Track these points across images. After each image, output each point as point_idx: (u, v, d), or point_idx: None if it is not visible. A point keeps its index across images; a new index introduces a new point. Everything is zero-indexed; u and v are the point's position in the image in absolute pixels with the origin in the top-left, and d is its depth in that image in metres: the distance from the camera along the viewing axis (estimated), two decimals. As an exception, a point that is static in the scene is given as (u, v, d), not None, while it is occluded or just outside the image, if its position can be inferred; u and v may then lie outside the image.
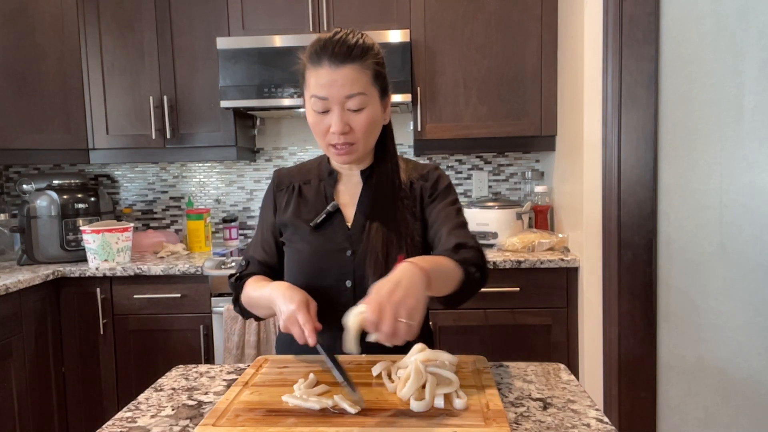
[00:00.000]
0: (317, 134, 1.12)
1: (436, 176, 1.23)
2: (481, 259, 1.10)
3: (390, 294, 0.82)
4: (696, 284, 1.92)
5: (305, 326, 0.96)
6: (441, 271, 0.96)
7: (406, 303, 0.82)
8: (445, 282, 0.97)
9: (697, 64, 1.88)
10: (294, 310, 0.98)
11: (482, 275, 1.09)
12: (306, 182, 1.25)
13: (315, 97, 1.07)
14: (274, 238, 1.26)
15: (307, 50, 1.10)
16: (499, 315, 2.17)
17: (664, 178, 1.95)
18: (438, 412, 0.83)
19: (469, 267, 1.03)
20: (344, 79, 1.05)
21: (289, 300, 1.00)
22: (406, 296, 0.82)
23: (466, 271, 1.02)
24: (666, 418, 2.00)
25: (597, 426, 0.83)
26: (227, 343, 2.12)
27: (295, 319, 0.97)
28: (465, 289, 1.03)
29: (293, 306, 0.98)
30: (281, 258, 1.26)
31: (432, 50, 2.42)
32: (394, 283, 0.84)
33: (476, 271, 1.06)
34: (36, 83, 2.43)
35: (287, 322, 0.99)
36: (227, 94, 2.36)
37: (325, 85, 1.06)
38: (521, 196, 2.80)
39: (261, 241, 1.27)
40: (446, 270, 0.98)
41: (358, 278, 1.15)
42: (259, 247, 1.27)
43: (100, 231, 2.27)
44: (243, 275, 1.23)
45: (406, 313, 0.81)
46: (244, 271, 1.24)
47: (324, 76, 1.06)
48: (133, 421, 0.88)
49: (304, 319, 0.97)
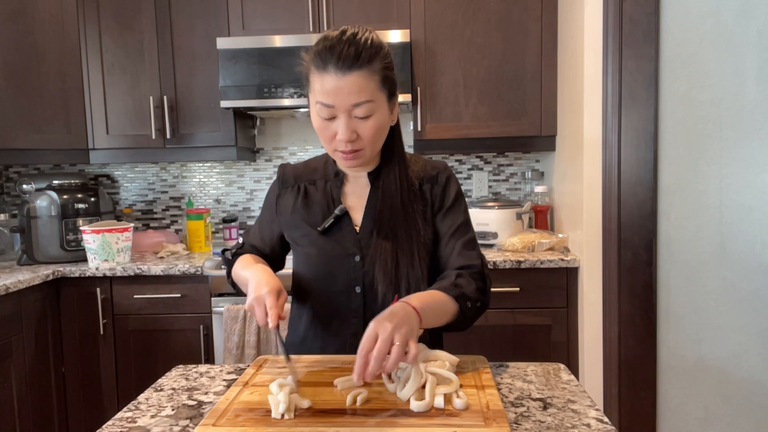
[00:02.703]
0: (323, 139, 1.08)
1: (446, 180, 1.19)
2: (482, 283, 1.12)
3: (385, 321, 0.88)
4: (696, 284, 1.92)
5: (270, 310, 0.99)
6: (434, 308, 1.00)
7: (400, 330, 0.87)
8: (438, 317, 1.02)
9: (697, 63, 1.88)
10: (265, 294, 1.01)
11: (482, 303, 1.12)
12: (311, 182, 1.22)
13: (321, 103, 1.03)
14: (271, 232, 1.26)
15: (312, 51, 1.04)
16: (499, 315, 2.17)
17: (664, 178, 1.95)
18: (438, 412, 0.83)
19: (466, 301, 1.06)
20: (351, 86, 1.00)
21: (264, 284, 1.03)
22: (400, 324, 0.88)
23: (462, 306, 1.06)
24: (666, 418, 2.00)
25: (597, 426, 0.83)
26: (227, 343, 2.12)
27: (263, 301, 1.00)
28: (461, 322, 1.08)
29: (265, 289, 1.02)
30: (274, 251, 1.27)
31: (432, 50, 2.42)
32: (389, 312, 0.91)
33: (476, 300, 1.09)
34: (36, 83, 2.43)
35: (255, 301, 1.01)
36: (227, 94, 2.36)
37: (330, 92, 1.01)
38: (521, 196, 2.80)
39: (259, 230, 1.28)
40: (440, 306, 1.03)
41: (368, 284, 1.13)
42: (257, 237, 1.28)
43: (100, 231, 2.27)
44: (237, 253, 1.26)
45: (400, 338, 0.86)
46: (240, 249, 1.27)
47: (330, 83, 1.01)
48: (133, 421, 0.88)
49: (271, 303, 1.00)
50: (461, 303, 1.06)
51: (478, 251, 1.17)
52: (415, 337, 0.89)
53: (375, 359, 0.84)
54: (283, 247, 1.28)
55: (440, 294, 1.04)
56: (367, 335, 0.87)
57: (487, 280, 1.15)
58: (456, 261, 1.14)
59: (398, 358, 0.85)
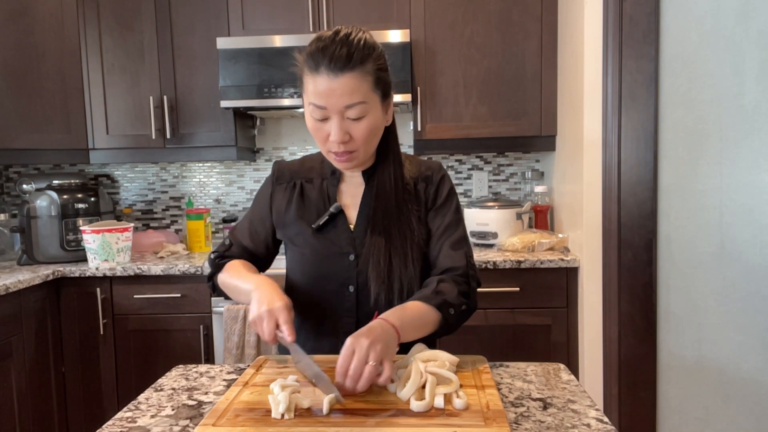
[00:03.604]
0: (317, 140, 1.08)
1: (439, 180, 1.19)
2: (466, 285, 1.12)
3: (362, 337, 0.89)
4: (696, 284, 1.92)
5: (285, 325, 0.98)
6: (414, 321, 1.01)
7: (375, 347, 0.88)
8: (419, 329, 1.02)
9: (697, 63, 1.88)
10: (279, 308, 1.00)
11: (467, 306, 1.11)
12: (308, 180, 1.21)
13: (313, 105, 1.03)
14: (264, 231, 1.24)
15: (305, 51, 1.03)
16: (499, 315, 2.17)
17: (664, 178, 1.95)
18: (438, 412, 0.83)
19: (448, 309, 1.06)
20: (343, 88, 1.00)
21: (278, 298, 1.01)
22: (376, 341, 0.89)
23: (445, 314, 1.06)
24: (666, 418, 2.00)
25: (597, 426, 0.83)
26: (227, 343, 2.12)
27: (276, 315, 0.99)
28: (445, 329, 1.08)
29: (279, 304, 1.00)
30: (267, 249, 1.26)
31: (432, 50, 2.42)
32: (367, 329, 0.92)
33: (460, 305, 1.09)
34: (36, 83, 2.43)
35: (267, 314, 0.99)
36: (227, 94, 2.36)
37: (323, 94, 1.00)
38: (521, 196, 2.80)
39: (249, 228, 1.25)
40: (421, 317, 1.03)
41: (361, 283, 1.13)
42: (246, 233, 1.25)
43: (100, 231, 2.27)
44: (225, 255, 1.24)
45: (375, 356, 0.87)
46: (227, 251, 1.25)
47: (322, 85, 1.00)
48: (133, 421, 0.88)
49: (285, 318, 0.99)
50: (443, 311, 1.06)
51: (466, 251, 1.17)
52: (390, 356, 0.91)
53: (350, 378, 0.86)
54: (275, 245, 1.27)
55: (421, 305, 1.04)
56: (343, 353, 0.88)
57: (471, 282, 1.14)
58: (441, 262, 1.14)
59: (370, 379, 0.87)
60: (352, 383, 0.87)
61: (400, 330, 0.95)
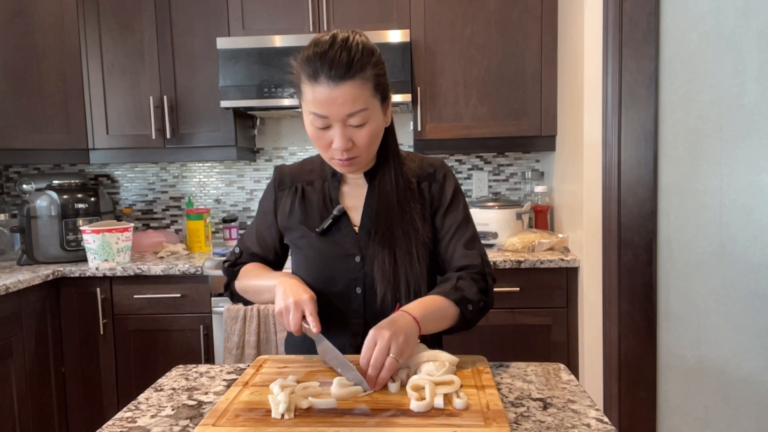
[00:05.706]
0: (318, 147, 1.07)
1: (443, 178, 1.19)
2: (484, 283, 1.14)
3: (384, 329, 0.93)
4: (696, 284, 1.92)
5: (311, 316, 1.01)
6: (434, 315, 1.03)
7: (397, 339, 0.92)
8: (438, 323, 1.05)
9: (697, 63, 1.88)
10: (306, 300, 1.03)
11: (485, 304, 1.13)
12: (309, 183, 1.21)
13: (314, 114, 1.01)
14: (271, 238, 1.25)
15: (301, 58, 1.01)
16: (499, 315, 2.17)
17: (664, 178, 1.95)
18: (438, 412, 0.83)
19: (467, 305, 1.08)
20: (344, 97, 0.98)
21: (303, 291, 1.05)
22: (398, 333, 0.93)
23: (463, 310, 1.07)
24: (666, 418, 2.00)
25: (597, 426, 0.83)
26: (227, 343, 2.12)
27: (302, 306, 1.02)
28: (463, 325, 1.10)
29: (306, 296, 1.04)
30: (276, 255, 1.27)
31: (432, 50, 2.42)
32: (389, 321, 0.96)
33: (479, 302, 1.10)
34: (36, 83, 2.43)
35: (293, 306, 1.02)
36: (227, 94, 2.36)
37: (324, 103, 0.99)
38: (521, 196, 2.80)
39: (257, 236, 1.26)
40: (441, 311, 1.05)
41: (368, 284, 1.13)
42: (254, 240, 1.26)
43: (100, 231, 2.27)
44: (237, 263, 1.26)
45: (396, 348, 0.91)
46: (238, 259, 1.26)
47: (322, 94, 0.98)
48: (133, 421, 0.88)
49: (311, 309, 1.02)
50: (462, 307, 1.07)
51: (480, 249, 1.18)
52: (410, 348, 0.95)
53: (372, 367, 0.90)
54: (284, 250, 1.28)
55: (440, 299, 1.06)
56: (366, 344, 0.92)
57: (489, 279, 1.15)
58: (457, 262, 1.15)
59: (392, 370, 0.90)
60: (374, 372, 0.90)
61: (421, 322, 0.98)
